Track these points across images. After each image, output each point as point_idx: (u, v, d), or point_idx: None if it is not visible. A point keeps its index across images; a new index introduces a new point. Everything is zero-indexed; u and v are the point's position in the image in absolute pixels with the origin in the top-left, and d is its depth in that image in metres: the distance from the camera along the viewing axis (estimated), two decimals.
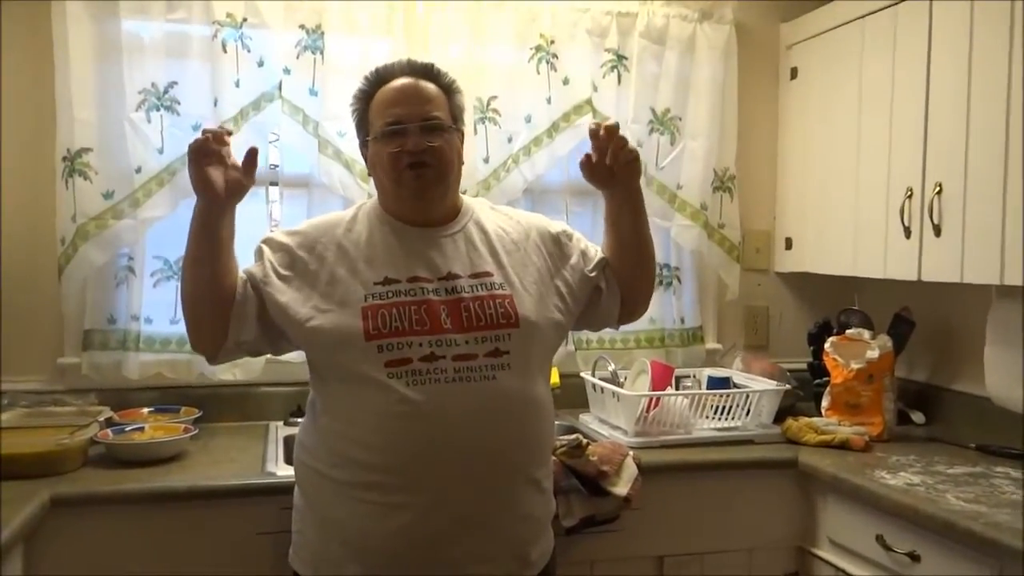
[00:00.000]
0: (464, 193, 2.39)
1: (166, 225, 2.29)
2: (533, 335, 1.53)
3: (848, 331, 2.41)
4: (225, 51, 2.27)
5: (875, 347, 2.30)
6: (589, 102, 2.52)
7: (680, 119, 2.63)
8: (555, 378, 2.37)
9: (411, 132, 1.51)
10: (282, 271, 1.53)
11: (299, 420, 1.67)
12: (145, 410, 2.25)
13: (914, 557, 1.76)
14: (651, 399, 2.20)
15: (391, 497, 1.43)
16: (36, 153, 2.25)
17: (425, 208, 1.57)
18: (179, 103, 2.28)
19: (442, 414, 1.43)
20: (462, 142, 1.62)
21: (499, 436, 1.47)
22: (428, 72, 1.59)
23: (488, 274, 1.55)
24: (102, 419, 2.07)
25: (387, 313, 1.47)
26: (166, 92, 2.27)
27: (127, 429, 2.07)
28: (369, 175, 1.64)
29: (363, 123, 1.60)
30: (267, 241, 1.60)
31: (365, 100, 1.60)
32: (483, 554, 1.48)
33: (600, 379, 2.37)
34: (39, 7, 2.21)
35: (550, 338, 1.59)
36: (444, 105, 1.57)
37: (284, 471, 1.90)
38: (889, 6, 2.24)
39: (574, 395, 2.45)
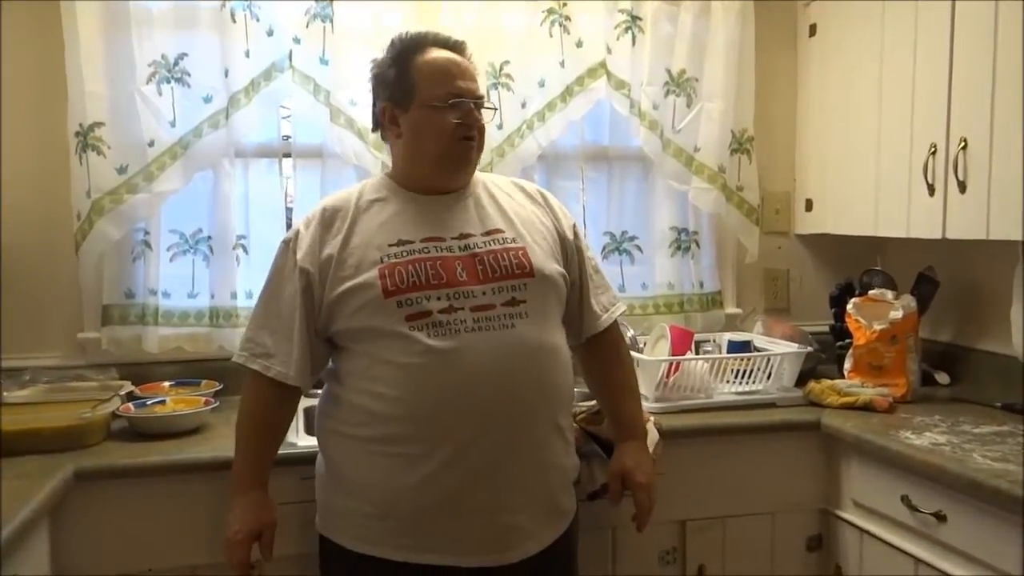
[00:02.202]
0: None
1: (180, 198, 2.29)
2: (548, 285, 1.58)
3: (871, 292, 2.38)
4: (234, 21, 2.24)
5: (898, 307, 2.27)
6: (603, 65, 2.48)
7: (696, 80, 2.58)
8: None
9: (470, 108, 1.58)
10: (310, 269, 1.53)
11: (319, 391, 1.68)
12: (166, 383, 2.26)
13: (940, 517, 1.74)
14: (671, 364, 2.18)
15: (415, 447, 1.45)
16: (49, 128, 2.24)
17: (460, 177, 1.63)
18: (189, 75, 2.26)
19: (464, 361, 1.45)
20: None
21: (521, 382, 1.49)
22: (463, 49, 1.65)
23: (500, 230, 1.60)
24: (123, 393, 2.08)
25: (403, 270, 1.49)
26: (176, 64, 2.25)
27: (148, 403, 2.08)
28: (393, 138, 1.64)
29: (402, 82, 1.59)
30: (293, 248, 1.57)
31: (402, 63, 1.60)
32: (513, 502, 1.49)
33: None
34: None
35: (562, 290, 1.63)
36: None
37: (305, 441, 1.90)
38: None
39: None
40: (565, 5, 2.45)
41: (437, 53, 1.61)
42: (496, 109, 1.66)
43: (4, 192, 2.23)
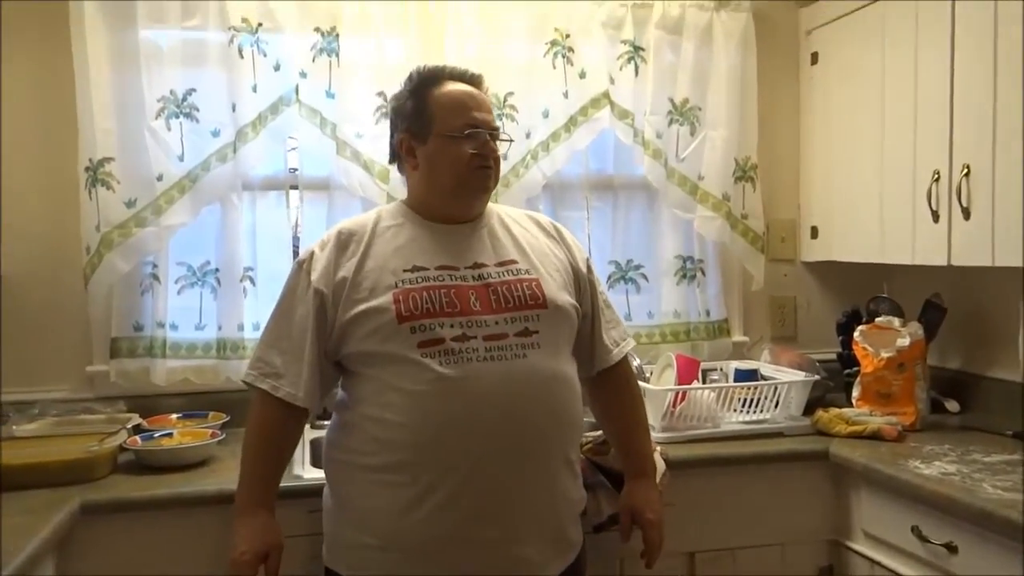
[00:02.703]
0: None
1: (188, 231, 2.31)
2: (560, 316, 1.58)
3: (877, 319, 2.37)
4: (242, 56, 2.28)
5: (905, 335, 2.26)
6: (607, 95, 2.50)
7: (700, 109, 2.59)
8: None
9: (487, 138, 1.61)
10: (324, 290, 1.54)
11: (326, 423, 1.68)
12: (173, 416, 2.26)
13: (951, 548, 1.72)
14: (677, 393, 2.17)
15: (423, 476, 1.44)
16: (59, 163, 2.27)
17: (475, 205, 1.65)
18: (198, 110, 2.29)
19: (475, 389, 1.45)
20: None
21: (532, 412, 1.49)
22: (480, 83, 1.68)
23: (514, 261, 1.61)
24: (130, 426, 2.09)
25: (418, 296, 1.50)
26: (185, 99, 2.28)
27: (156, 435, 2.08)
28: (410, 169, 1.65)
29: (421, 114, 1.62)
30: (308, 269, 1.58)
31: (420, 95, 1.63)
32: (521, 534, 1.48)
33: None
34: (57, 17, 2.22)
35: (575, 322, 1.63)
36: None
37: (311, 474, 1.90)
38: None
39: None
40: (568, 37, 2.48)
41: (454, 86, 1.63)
42: (512, 141, 1.69)
43: (15, 226, 2.26)
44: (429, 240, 1.59)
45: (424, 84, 1.63)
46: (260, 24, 2.29)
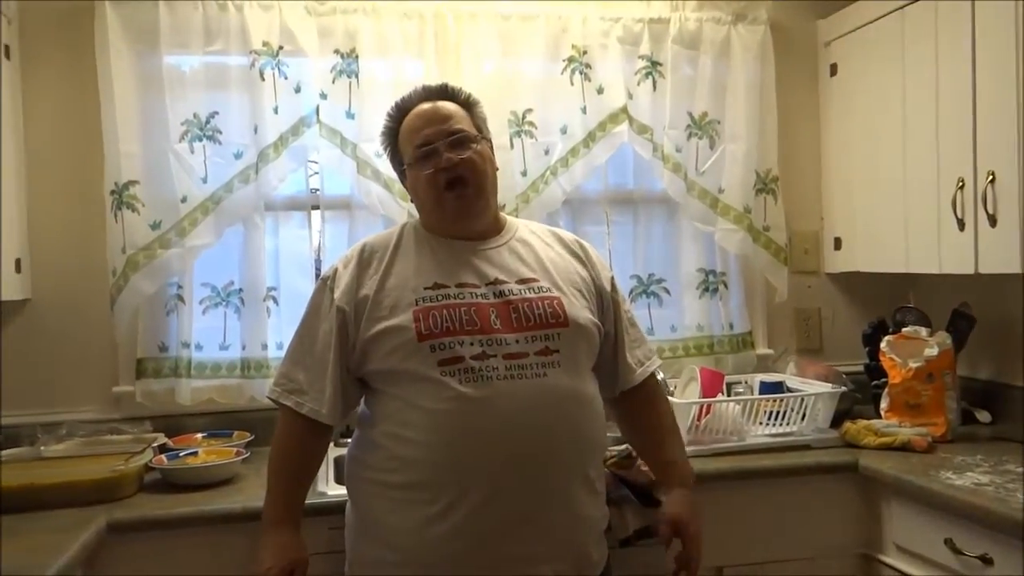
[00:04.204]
0: (503, 208, 2.41)
1: (212, 252, 2.34)
2: (581, 334, 1.56)
3: (904, 329, 2.34)
4: (263, 79, 2.31)
5: (933, 344, 2.23)
6: (625, 110, 2.50)
7: (719, 122, 2.59)
8: None
9: (441, 150, 1.56)
10: (346, 308, 1.55)
11: (348, 440, 1.68)
12: (198, 435, 2.28)
13: (986, 560, 1.68)
14: (702, 406, 2.16)
15: (443, 495, 1.43)
16: (85, 187, 2.31)
17: (469, 224, 1.61)
18: (220, 132, 2.32)
19: (495, 408, 1.44)
20: (492, 150, 1.66)
21: (552, 431, 1.47)
22: (444, 92, 1.65)
23: (535, 279, 1.59)
24: (156, 445, 2.11)
25: (438, 314, 1.50)
26: (208, 122, 2.32)
27: (181, 454, 2.10)
28: (411, 201, 1.68)
29: (396, 156, 1.66)
30: (331, 286, 1.59)
31: (393, 134, 1.66)
32: (542, 553, 1.47)
33: None
34: (83, 44, 2.28)
35: (596, 340, 1.61)
36: (465, 119, 1.62)
37: (334, 491, 1.90)
38: None
39: None
40: (585, 53, 2.50)
41: (415, 111, 1.62)
42: (486, 139, 1.64)
43: (42, 249, 2.31)
44: (450, 257, 1.59)
45: (398, 119, 1.65)
46: (281, 47, 2.33)
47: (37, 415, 2.25)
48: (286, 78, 2.34)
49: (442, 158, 1.55)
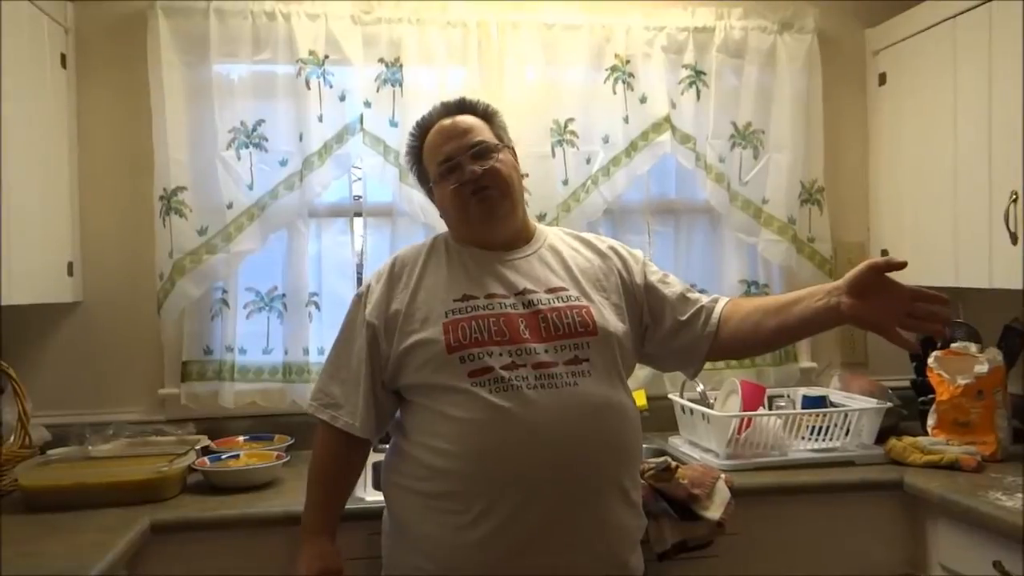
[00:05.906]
0: (544, 217, 2.41)
1: (256, 257, 2.38)
2: (611, 343, 1.55)
3: (953, 345, 2.28)
4: (308, 88, 2.34)
5: (983, 361, 2.17)
6: (668, 119, 2.49)
7: (763, 132, 2.56)
8: (642, 400, 2.34)
9: (463, 163, 1.58)
10: (376, 323, 1.56)
11: (387, 446, 1.69)
12: (240, 438, 2.32)
13: None
14: (743, 420, 2.13)
15: (475, 505, 1.43)
16: (135, 193, 2.37)
17: (496, 228, 1.61)
18: (266, 140, 2.36)
19: (524, 418, 1.44)
20: (515, 157, 1.66)
21: (582, 440, 1.46)
22: (462, 107, 1.67)
23: (564, 288, 1.58)
24: (199, 447, 2.14)
25: (467, 326, 1.50)
26: (254, 130, 2.36)
27: (223, 457, 2.13)
28: (441, 217, 1.69)
29: (423, 175, 1.68)
30: (364, 302, 1.61)
31: (417, 153, 1.68)
32: (573, 563, 1.46)
33: (689, 400, 2.31)
34: (135, 54, 2.34)
35: (628, 349, 1.60)
36: (485, 129, 1.63)
37: (373, 496, 1.92)
38: (982, 3, 2.14)
39: (663, 418, 2.41)
40: (628, 62, 2.49)
41: (436, 127, 1.63)
42: (508, 147, 1.63)
43: (94, 254, 2.38)
44: (478, 268, 1.59)
45: (420, 139, 1.66)
46: (327, 56, 2.36)
47: (86, 415, 2.31)
48: (331, 87, 2.37)
49: (465, 171, 1.57)
